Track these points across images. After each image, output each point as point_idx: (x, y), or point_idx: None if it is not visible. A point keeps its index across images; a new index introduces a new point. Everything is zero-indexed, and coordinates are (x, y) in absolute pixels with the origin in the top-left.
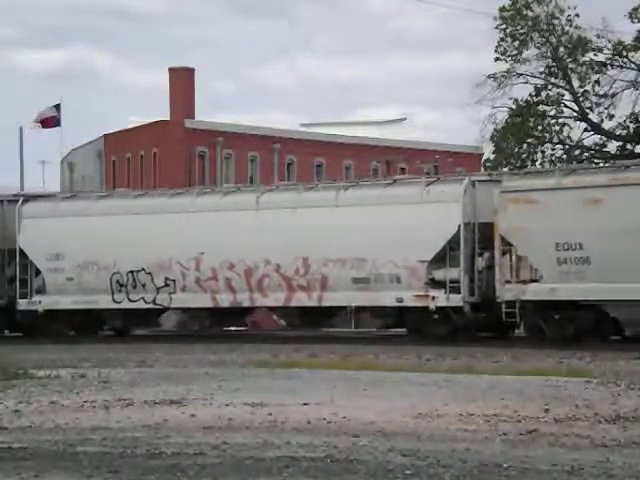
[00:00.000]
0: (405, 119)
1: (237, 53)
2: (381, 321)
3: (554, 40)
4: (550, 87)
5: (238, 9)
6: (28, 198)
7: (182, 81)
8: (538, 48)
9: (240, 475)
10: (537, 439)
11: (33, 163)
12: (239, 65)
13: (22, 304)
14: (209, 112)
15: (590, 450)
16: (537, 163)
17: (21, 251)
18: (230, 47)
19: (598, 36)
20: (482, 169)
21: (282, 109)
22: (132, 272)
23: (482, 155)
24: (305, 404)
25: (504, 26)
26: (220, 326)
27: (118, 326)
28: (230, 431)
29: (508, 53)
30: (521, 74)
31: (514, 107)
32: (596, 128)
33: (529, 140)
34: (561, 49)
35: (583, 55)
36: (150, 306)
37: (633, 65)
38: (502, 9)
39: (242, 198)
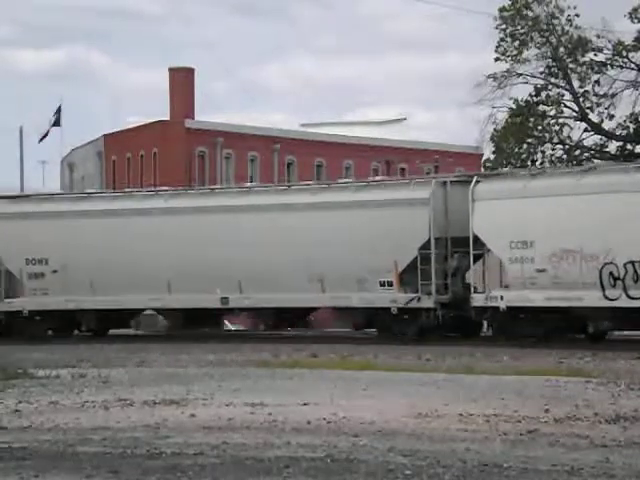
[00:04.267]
0: (405, 119)
1: (236, 53)
2: None
3: (554, 40)
4: (550, 87)
5: (237, 9)
6: (481, 178)
7: (182, 81)
8: (538, 48)
9: (240, 475)
10: (537, 439)
11: (33, 163)
12: (239, 65)
13: (477, 300)
14: (209, 112)
15: (590, 450)
16: (537, 163)
17: (475, 238)
18: (229, 47)
19: (598, 36)
20: (482, 169)
21: (282, 109)
22: (632, 263)
23: (482, 155)
24: (305, 404)
25: (504, 26)
26: None
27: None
28: (230, 431)
29: (508, 53)
30: (521, 74)
31: (514, 107)
32: (596, 128)
33: (529, 140)
34: (561, 49)
35: (583, 55)
36: None
37: (633, 65)
38: (502, 9)
39: None
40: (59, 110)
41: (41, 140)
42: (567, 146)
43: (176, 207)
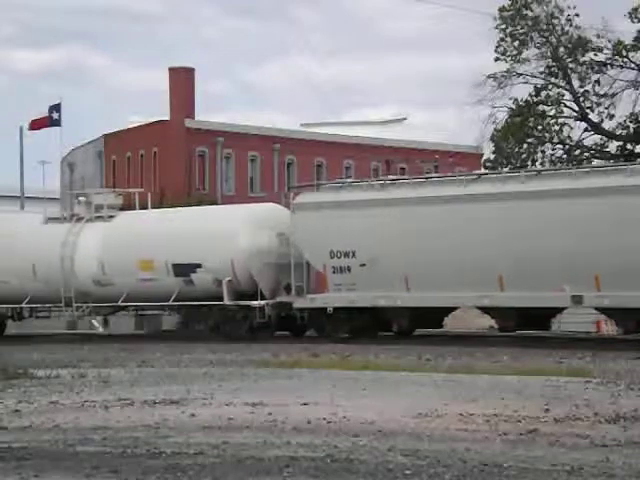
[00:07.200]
0: (405, 119)
1: (236, 53)
2: None
3: (554, 40)
4: (550, 87)
5: (237, 9)
6: None
7: (182, 81)
8: (538, 48)
9: (240, 475)
10: (537, 439)
11: (33, 163)
12: (239, 65)
13: None
14: (209, 112)
15: (590, 450)
16: (537, 163)
17: None
18: (229, 47)
19: (598, 36)
20: (482, 169)
21: (282, 109)
22: None
23: (482, 155)
24: (305, 404)
25: (504, 26)
26: None
27: None
28: (230, 431)
29: (508, 53)
30: (521, 74)
31: (514, 107)
32: (596, 128)
33: (529, 140)
34: (561, 49)
35: (583, 55)
36: None
37: (633, 65)
38: (502, 9)
39: None
40: (59, 108)
41: (32, 129)
42: (567, 146)
43: (511, 192)
